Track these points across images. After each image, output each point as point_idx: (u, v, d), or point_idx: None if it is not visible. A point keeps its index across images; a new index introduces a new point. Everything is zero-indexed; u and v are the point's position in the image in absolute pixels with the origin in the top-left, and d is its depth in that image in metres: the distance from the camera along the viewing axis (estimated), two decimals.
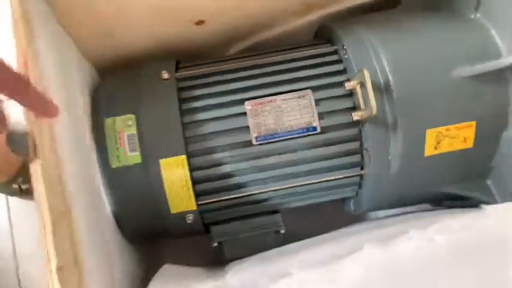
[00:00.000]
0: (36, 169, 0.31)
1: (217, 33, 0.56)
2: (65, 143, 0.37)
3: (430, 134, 0.43)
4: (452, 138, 0.43)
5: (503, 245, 0.33)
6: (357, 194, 0.50)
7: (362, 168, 0.47)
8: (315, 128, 0.46)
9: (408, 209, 0.55)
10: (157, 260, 0.51)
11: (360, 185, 0.49)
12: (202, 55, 0.56)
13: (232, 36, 0.58)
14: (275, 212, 0.50)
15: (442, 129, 0.43)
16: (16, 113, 0.31)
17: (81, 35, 0.47)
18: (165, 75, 0.47)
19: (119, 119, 0.45)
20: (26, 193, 0.69)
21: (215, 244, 0.49)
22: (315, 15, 0.56)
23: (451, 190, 0.48)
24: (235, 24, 0.55)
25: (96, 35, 0.49)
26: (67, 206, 0.34)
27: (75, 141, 0.40)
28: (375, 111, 0.42)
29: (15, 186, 0.69)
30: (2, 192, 0.71)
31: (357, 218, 0.56)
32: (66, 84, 0.41)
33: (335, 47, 0.49)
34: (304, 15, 0.56)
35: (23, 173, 0.67)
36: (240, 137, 0.45)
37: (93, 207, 0.41)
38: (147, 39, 0.53)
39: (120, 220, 0.47)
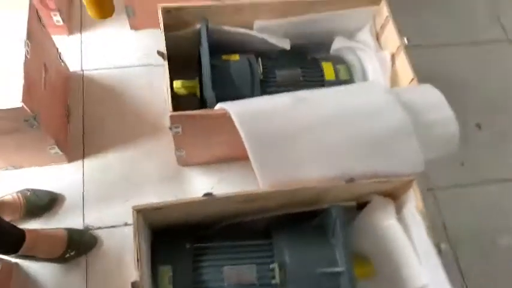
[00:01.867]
0: None
1: (216, 219, 1.10)
2: None
3: None
4: None
5: None
6: None
7: None
8: (255, 284, 0.98)
9: None
10: None
11: None
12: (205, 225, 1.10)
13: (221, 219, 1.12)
14: None
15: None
16: None
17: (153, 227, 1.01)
18: (188, 245, 1.00)
19: (165, 269, 0.97)
20: None
21: None
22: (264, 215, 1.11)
23: None
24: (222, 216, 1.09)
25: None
26: None
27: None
28: (283, 277, 0.94)
29: None
30: None
31: None
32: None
33: (270, 241, 1.03)
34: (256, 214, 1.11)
35: None
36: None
37: None
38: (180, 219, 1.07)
39: None
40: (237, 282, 0.97)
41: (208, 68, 1.12)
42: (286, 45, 1.30)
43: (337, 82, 1.23)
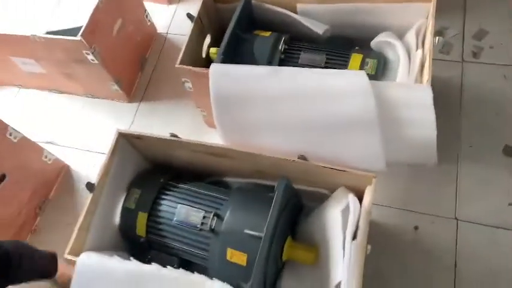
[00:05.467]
0: None
1: (197, 169, 1.23)
2: None
3: (229, 251, 1.01)
4: (238, 256, 1.00)
5: None
6: None
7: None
8: (197, 227, 1.08)
9: None
10: None
11: None
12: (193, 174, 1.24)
13: (203, 172, 1.24)
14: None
15: (232, 250, 1.00)
16: None
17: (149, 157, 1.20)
18: (162, 180, 1.16)
19: (135, 190, 1.15)
20: None
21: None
22: None
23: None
24: (198, 166, 1.21)
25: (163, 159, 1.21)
26: None
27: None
28: (218, 227, 1.02)
29: None
30: None
31: None
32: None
33: (226, 197, 1.11)
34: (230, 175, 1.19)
35: None
36: None
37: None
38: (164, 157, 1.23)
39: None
40: (183, 220, 1.09)
41: (227, 37, 1.24)
42: (320, 29, 1.31)
43: None
